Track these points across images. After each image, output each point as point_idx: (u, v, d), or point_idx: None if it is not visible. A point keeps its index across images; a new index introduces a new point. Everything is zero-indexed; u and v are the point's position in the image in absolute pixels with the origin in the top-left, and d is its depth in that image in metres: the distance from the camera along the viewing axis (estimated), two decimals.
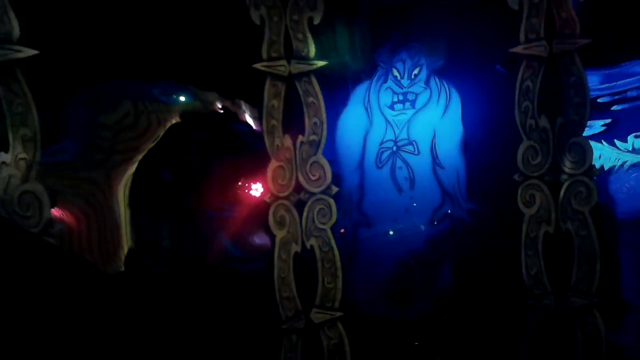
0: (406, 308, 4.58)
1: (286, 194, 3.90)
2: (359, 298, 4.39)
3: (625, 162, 4.64)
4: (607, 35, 4.27)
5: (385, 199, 4.66)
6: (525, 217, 3.93)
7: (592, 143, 4.89)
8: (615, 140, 4.69)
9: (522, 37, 4.02)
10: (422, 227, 4.64)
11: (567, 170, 3.90)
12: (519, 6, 4.02)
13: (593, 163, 3.93)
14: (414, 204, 4.63)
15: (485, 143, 4.67)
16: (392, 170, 4.69)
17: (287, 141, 3.94)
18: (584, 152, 3.88)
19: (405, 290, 4.62)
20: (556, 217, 3.88)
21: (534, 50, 3.97)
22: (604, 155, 4.67)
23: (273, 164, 3.92)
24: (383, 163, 4.70)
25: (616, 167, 4.62)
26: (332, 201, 3.96)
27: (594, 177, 3.92)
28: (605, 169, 4.66)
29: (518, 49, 4.04)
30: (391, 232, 4.65)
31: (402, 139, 4.70)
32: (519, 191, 3.95)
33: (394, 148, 4.67)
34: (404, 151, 4.70)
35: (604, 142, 4.73)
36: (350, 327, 3.99)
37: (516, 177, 3.98)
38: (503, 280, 4.18)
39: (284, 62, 3.93)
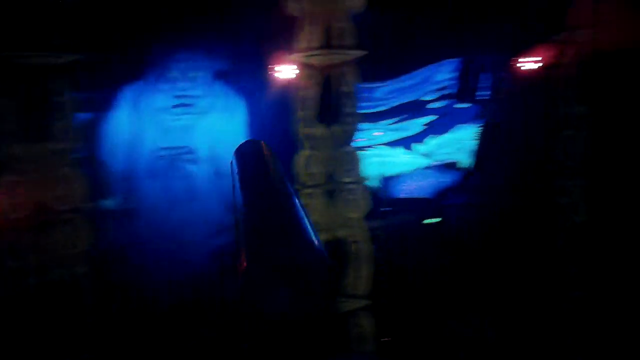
0: (193, 329, 4.23)
1: (23, 214, 3.19)
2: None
3: (417, 164, 4.92)
4: (393, 47, 4.45)
5: (161, 212, 4.24)
6: None
7: (387, 148, 5.19)
8: (412, 145, 4.96)
9: (301, 45, 3.94)
10: (206, 241, 4.34)
11: (340, 178, 3.94)
12: (300, 13, 3.93)
13: (365, 171, 4.04)
14: (195, 216, 4.31)
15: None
16: (170, 180, 4.30)
17: (25, 151, 3.21)
18: (355, 161, 3.96)
19: (187, 310, 4.26)
20: (332, 224, 3.89)
21: (312, 59, 3.92)
22: (397, 159, 4.90)
23: (5, 179, 3.15)
24: (159, 172, 4.28)
25: (408, 171, 4.87)
26: (87, 220, 3.35)
27: (369, 184, 4.03)
28: (398, 172, 4.89)
29: (298, 57, 3.96)
30: (170, 249, 4.24)
31: (180, 147, 4.36)
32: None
33: (171, 156, 4.30)
34: (183, 159, 4.37)
35: (397, 147, 4.98)
36: None
37: (296, 186, 3.89)
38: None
39: (20, 52, 3.17)
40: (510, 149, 4.03)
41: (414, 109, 4.95)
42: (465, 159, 4.68)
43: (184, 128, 4.38)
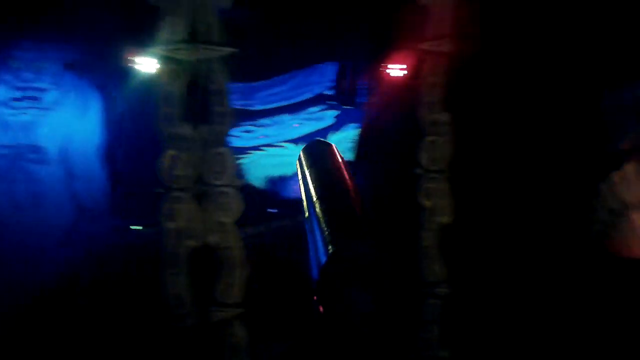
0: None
1: None
2: None
3: None
4: (267, 47, 4.38)
5: (1, 219, 3.75)
6: (168, 233, 3.64)
7: (282, 147, 5.12)
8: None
9: (164, 38, 3.69)
10: (54, 250, 3.91)
11: (211, 181, 3.78)
12: (162, 4, 3.68)
13: (236, 173, 3.93)
14: (42, 224, 3.87)
15: (132, 151, 4.28)
16: (10, 183, 3.83)
17: None
18: (226, 162, 3.83)
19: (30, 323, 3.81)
20: (202, 230, 3.71)
21: (175, 53, 3.68)
22: (291, 159, 4.83)
23: None
24: None
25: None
26: None
27: (257, 185, 3.94)
28: (292, 172, 4.82)
29: (161, 50, 3.69)
30: (12, 259, 3.75)
31: (23, 145, 3.90)
32: (163, 205, 3.63)
33: (12, 156, 3.86)
34: (27, 160, 3.91)
35: (292, 145, 4.93)
36: None
37: (159, 189, 3.64)
38: (152, 303, 3.83)
39: None
40: (381, 153, 4.22)
41: (307, 107, 4.98)
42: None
43: (28, 124, 3.91)
